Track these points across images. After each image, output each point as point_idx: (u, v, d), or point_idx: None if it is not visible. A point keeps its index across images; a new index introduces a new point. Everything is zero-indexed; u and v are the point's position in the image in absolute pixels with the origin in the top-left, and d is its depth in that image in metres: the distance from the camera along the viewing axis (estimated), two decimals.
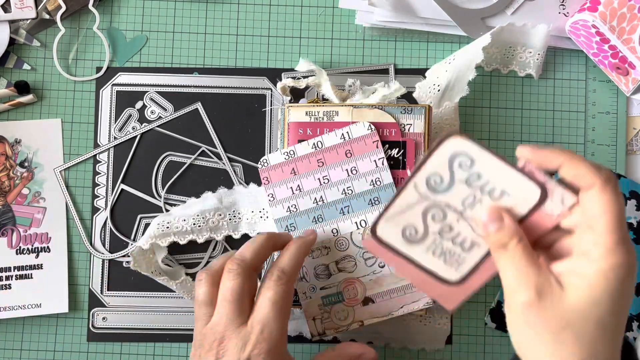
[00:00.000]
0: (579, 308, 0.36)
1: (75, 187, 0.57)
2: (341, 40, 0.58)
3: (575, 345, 0.36)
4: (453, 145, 0.40)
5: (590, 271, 0.36)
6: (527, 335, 0.38)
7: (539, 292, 0.37)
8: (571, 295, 0.37)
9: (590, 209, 0.37)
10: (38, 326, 0.57)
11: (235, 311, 0.44)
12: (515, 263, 0.38)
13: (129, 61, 0.58)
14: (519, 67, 0.57)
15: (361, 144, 0.49)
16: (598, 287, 0.36)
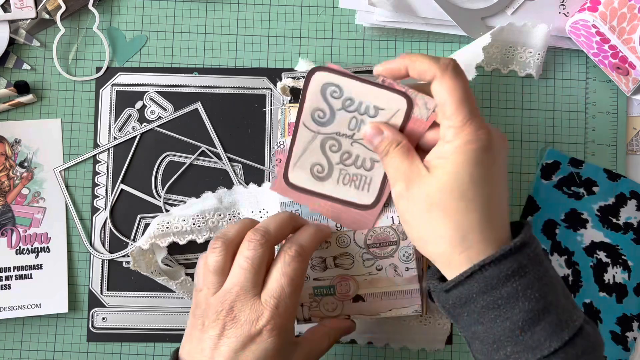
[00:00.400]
0: (442, 186, 0.40)
1: (75, 187, 0.57)
2: (341, 40, 0.58)
3: (444, 219, 0.40)
4: (319, 79, 0.45)
5: (448, 150, 0.40)
6: (407, 219, 0.42)
7: (408, 180, 0.42)
8: (435, 176, 0.41)
9: (438, 97, 0.41)
10: (38, 326, 0.57)
11: (251, 281, 0.42)
12: (393, 162, 0.43)
13: (129, 61, 0.58)
14: (519, 67, 0.57)
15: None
16: (455, 162, 0.40)
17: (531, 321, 0.38)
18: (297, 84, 0.53)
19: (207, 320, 0.42)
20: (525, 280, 0.39)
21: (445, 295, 0.41)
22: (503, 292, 0.39)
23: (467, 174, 0.40)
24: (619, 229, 0.56)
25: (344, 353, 0.56)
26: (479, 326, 0.40)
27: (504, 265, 0.39)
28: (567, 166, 0.57)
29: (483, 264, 0.39)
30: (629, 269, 0.56)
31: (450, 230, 0.40)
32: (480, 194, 0.40)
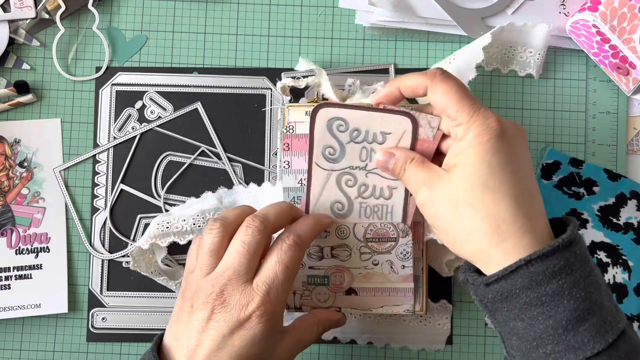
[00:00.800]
0: (463, 181, 0.40)
1: (74, 187, 0.57)
2: (341, 40, 0.58)
3: (472, 214, 0.40)
4: (324, 115, 0.46)
5: (462, 146, 0.41)
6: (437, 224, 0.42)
7: (429, 185, 0.42)
8: (454, 174, 0.41)
9: (437, 102, 0.42)
10: (37, 326, 0.57)
11: (245, 266, 0.41)
12: (411, 175, 0.44)
13: (129, 61, 0.58)
14: (520, 66, 0.57)
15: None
16: (471, 155, 0.40)
17: (575, 321, 0.37)
18: (297, 83, 0.53)
19: (196, 303, 0.42)
20: (572, 279, 0.37)
21: (485, 289, 0.40)
22: (548, 289, 0.37)
23: (485, 164, 0.40)
24: (619, 229, 0.56)
25: (344, 353, 0.56)
26: (519, 322, 0.39)
27: (550, 262, 0.37)
28: (568, 166, 0.57)
29: (530, 259, 0.38)
30: (629, 269, 0.56)
31: (481, 224, 0.40)
32: (503, 182, 0.40)
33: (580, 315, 0.37)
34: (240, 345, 0.40)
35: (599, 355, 0.37)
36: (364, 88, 0.53)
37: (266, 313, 0.41)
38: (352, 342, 0.56)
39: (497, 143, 0.40)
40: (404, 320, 0.55)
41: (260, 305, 0.41)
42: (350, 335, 0.55)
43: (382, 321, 0.55)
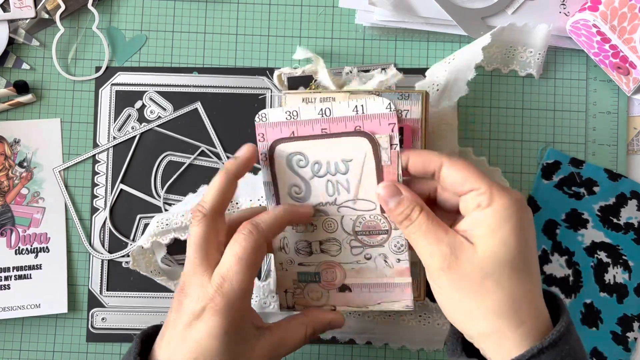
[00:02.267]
0: (491, 255, 0.38)
1: (74, 187, 0.57)
2: (341, 40, 0.58)
3: (497, 291, 0.38)
4: (281, 152, 0.44)
5: (488, 216, 0.39)
6: (452, 296, 0.40)
7: (453, 251, 0.39)
8: (481, 245, 0.39)
9: (454, 177, 0.40)
10: (37, 326, 0.56)
11: (195, 257, 0.42)
12: (423, 231, 0.40)
13: (129, 61, 0.58)
14: (520, 66, 0.57)
15: (375, 122, 0.44)
16: (500, 227, 0.39)
17: None
18: (293, 71, 0.53)
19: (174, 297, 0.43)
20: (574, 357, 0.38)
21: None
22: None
23: (514, 240, 0.38)
24: (619, 229, 0.56)
25: (344, 353, 0.56)
26: None
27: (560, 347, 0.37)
28: (568, 166, 0.56)
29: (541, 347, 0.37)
30: (630, 269, 0.56)
31: (504, 304, 0.38)
32: (528, 262, 0.39)
33: None
34: (199, 338, 0.40)
35: None
36: (361, 75, 0.53)
37: (220, 305, 0.40)
38: (351, 342, 0.56)
39: (525, 217, 0.39)
40: (403, 320, 0.55)
41: (213, 297, 0.40)
42: (348, 335, 0.55)
43: (380, 321, 0.55)
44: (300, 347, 0.45)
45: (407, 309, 0.47)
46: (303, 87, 0.56)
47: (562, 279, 0.56)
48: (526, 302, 0.39)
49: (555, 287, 0.56)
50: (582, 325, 0.55)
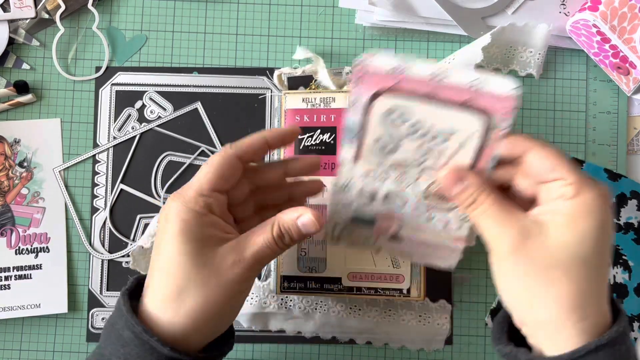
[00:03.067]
0: (565, 245, 0.37)
1: (74, 187, 0.57)
2: (341, 40, 0.58)
3: (564, 283, 0.37)
4: (382, 104, 0.40)
5: (571, 208, 0.37)
6: (515, 281, 0.38)
7: (523, 234, 0.38)
8: (556, 234, 0.37)
9: (543, 164, 0.38)
10: (37, 326, 0.56)
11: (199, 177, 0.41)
12: (491, 213, 0.39)
13: (129, 61, 0.58)
14: (520, 66, 0.57)
15: (490, 101, 0.39)
16: (581, 221, 0.37)
17: None
18: (293, 71, 0.53)
19: None
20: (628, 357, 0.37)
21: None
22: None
23: (593, 236, 0.37)
24: (619, 229, 0.56)
25: (344, 353, 0.56)
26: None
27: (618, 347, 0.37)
28: None
29: (599, 344, 0.36)
30: (630, 269, 0.56)
31: (570, 295, 0.37)
32: (604, 263, 0.38)
33: None
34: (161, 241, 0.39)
35: None
36: None
37: (184, 197, 0.39)
38: (351, 342, 0.56)
39: (609, 218, 0.38)
40: (403, 320, 0.55)
41: (178, 194, 0.40)
42: (349, 335, 0.55)
43: (380, 321, 0.55)
44: (271, 255, 0.41)
45: (449, 269, 0.46)
46: (303, 87, 0.56)
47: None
48: (593, 299, 0.38)
49: None
50: None
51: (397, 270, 0.49)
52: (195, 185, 0.40)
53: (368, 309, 0.55)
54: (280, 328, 0.55)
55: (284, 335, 0.56)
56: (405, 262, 0.49)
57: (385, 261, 0.49)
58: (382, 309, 0.55)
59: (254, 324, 0.55)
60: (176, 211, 0.39)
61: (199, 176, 0.41)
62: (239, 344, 0.56)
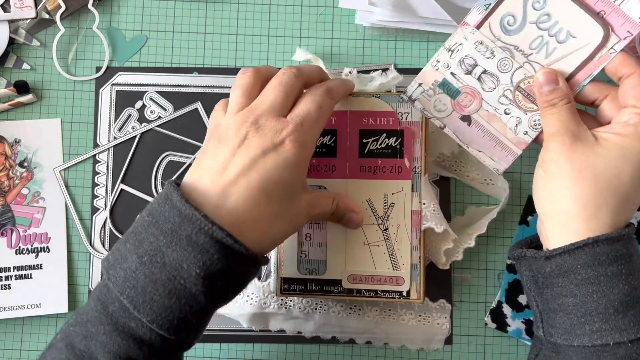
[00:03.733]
0: (605, 156, 0.41)
1: (74, 187, 0.57)
2: (341, 40, 0.58)
3: (591, 183, 0.41)
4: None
5: (626, 131, 0.41)
6: (550, 172, 0.43)
7: (574, 136, 0.42)
8: (602, 146, 0.41)
9: (631, 91, 0.42)
10: (38, 326, 0.57)
11: (280, 101, 0.42)
12: (560, 116, 0.43)
13: (129, 61, 0.58)
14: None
15: (619, 19, 0.43)
16: (628, 144, 0.41)
17: (626, 304, 0.39)
18: None
19: (227, 135, 0.41)
20: (630, 266, 0.40)
21: (544, 262, 0.42)
22: (608, 271, 0.40)
23: (633, 160, 0.41)
24: None
25: (344, 353, 0.56)
26: (571, 298, 0.40)
27: (614, 247, 0.40)
28: None
29: (597, 239, 0.40)
30: None
31: (591, 196, 0.41)
32: (633, 185, 0.41)
33: (631, 300, 0.40)
34: (272, 166, 0.40)
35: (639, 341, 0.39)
36: (361, 77, 0.53)
37: (299, 139, 0.41)
38: (351, 342, 0.56)
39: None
40: (403, 319, 0.55)
41: (294, 130, 0.41)
42: (349, 334, 0.55)
43: (380, 321, 0.55)
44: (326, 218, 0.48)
45: (495, 172, 0.48)
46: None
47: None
48: (610, 207, 0.41)
49: None
50: None
51: (396, 272, 0.49)
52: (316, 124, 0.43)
53: (368, 308, 0.55)
54: (280, 328, 0.55)
55: (284, 335, 0.56)
56: (406, 264, 0.49)
57: (385, 263, 0.49)
58: (382, 308, 0.55)
59: (254, 324, 0.55)
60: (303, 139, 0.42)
61: (318, 116, 0.42)
62: (239, 344, 0.56)
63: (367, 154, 0.50)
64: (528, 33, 0.45)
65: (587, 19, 0.43)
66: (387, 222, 0.49)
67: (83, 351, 0.38)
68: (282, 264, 0.51)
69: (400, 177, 0.49)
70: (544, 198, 0.43)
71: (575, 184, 0.41)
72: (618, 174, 0.41)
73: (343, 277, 0.50)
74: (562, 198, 0.42)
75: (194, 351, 0.56)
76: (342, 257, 0.50)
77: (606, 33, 0.43)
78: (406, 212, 0.49)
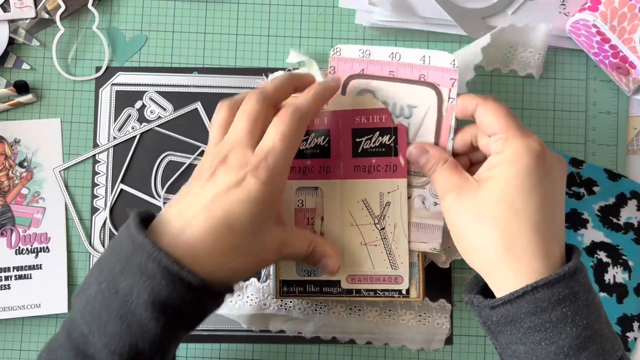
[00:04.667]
0: (491, 195, 0.41)
1: (74, 187, 0.57)
2: (341, 40, 0.58)
3: (492, 228, 0.41)
4: (353, 87, 0.49)
5: (498, 160, 0.42)
6: (457, 232, 0.43)
7: (458, 191, 0.43)
8: (486, 185, 0.42)
9: (484, 120, 0.43)
10: (38, 326, 0.57)
11: (247, 133, 0.42)
12: (442, 177, 0.45)
13: (129, 61, 0.58)
14: (520, 66, 0.57)
15: (438, 74, 0.48)
16: (506, 171, 0.41)
17: (577, 347, 0.38)
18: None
19: (201, 170, 0.43)
20: (575, 307, 0.39)
21: (490, 311, 0.41)
22: (552, 316, 0.38)
23: (516, 183, 0.41)
24: (619, 229, 0.56)
25: (344, 353, 0.56)
26: (521, 346, 0.40)
27: (556, 289, 0.38)
28: (568, 166, 0.56)
29: (536, 285, 0.38)
30: (630, 269, 0.56)
31: (498, 240, 0.40)
32: (529, 205, 0.40)
33: (582, 342, 0.38)
34: (235, 200, 0.40)
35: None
36: None
37: (262, 175, 0.41)
38: (351, 342, 0.56)
39: (534, 164, 0.41)
40: (403, 319, 0.55)
41: (257, 166, 0.41)
42: (348, 335, 0.55)
43: (380, 321, 0.55)
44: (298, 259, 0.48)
45: (434, 252, 0.49)
46: None
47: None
48: (524, 243, 0.40)
49: None
50: None
51: (395, 271, 0.49)
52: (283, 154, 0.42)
53: (368, 309, 0.55)
54: (280, 329, 0.55)
55: (283, 335, 0.56)
56: (404, 263, 0.49)
57: (383, 263, 0.49)
58: (382, 309, 0.55)
59: (253, 324, 0.55)
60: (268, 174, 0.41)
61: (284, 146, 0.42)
62: (239, 344, 0.56)
63: (361, 153, 0.49)
64: None
65: (415, 88, 0.47)
66: (383, 221, 0.49)
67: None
68: (280, 266, 0.51)
69: (396, 175, 0.49)
70: (466, 254, 0.43)
71: (481, 234, 0.41)
72: (511, 206, 0.40)
73: (341, 277, 0.50)
74: (478, 252, 0.42)
75: (193, 351, 0.56)
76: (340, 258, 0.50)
77: (436, 90, 0.47)
78: (402, 211, 0.49)
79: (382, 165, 0.49)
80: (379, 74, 0.48)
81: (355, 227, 0.50)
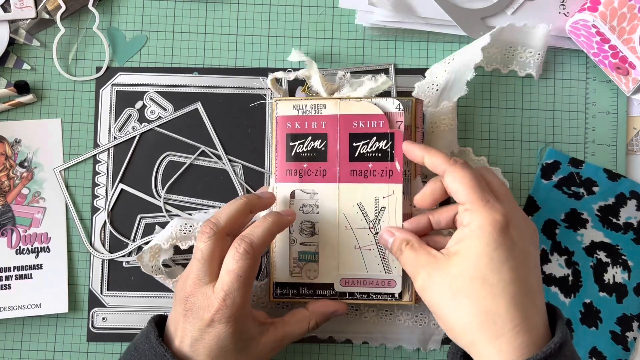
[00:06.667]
0: (463, 271, 0.40)
1: (75, 187, 0.57)
2: (341, 40, 0.58)
3: (469, 307, 0.40)
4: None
5: (466, 233, 0.41)
6: (436, 312, 0.42)
7: (429, 269, 0.42)
8: (455, 262, 0.41)
9: (451, 187, 0.43)
10: (38, 326, 0.57)
11: (202, 271, 0.45)
12: (409, 259, 0.44)
13: (129, 61, 0.58)
14: (519, 67, 0.57)
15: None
16: (473, 247, 0.40)
17: None
18: (287, 76, 0.53)
19: (176, 301, 0.47)
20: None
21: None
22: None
23: (486, 258, 0.40)
24: (619, 229, 0.56)
25: (344, 353, 0.56)
26: None
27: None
28: (567, 166, 0.57)
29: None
30: (629, 269, 0.56)
31: (477, 318, 0.40)
32: (502, 278, 0.40)
33: None
34: (211, 339, 0.44)
35: None
36: (352, 81, 0.53)
37: (225, 316, 0.44)
38: (348, 342, 0.56)
39: (500, 237, 0.40)
40: (400, 320, 0.55)
41: (218, 310, 0.44)
42: (345, 334, 0.55)
43: (377, 321, 0.55)
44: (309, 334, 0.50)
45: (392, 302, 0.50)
46: (301, 86, 0.56)
47: (561, 279, 0.56)
48: (503, 318, 0.39)
49: (555, 286, 0.56)
50: (582, 325, 0.55)
51: (388, 275, 0.50)
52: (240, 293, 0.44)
53: (365, 309, 0.55)
54: None
55: None
56: (397, 267, 0.49)
57: (377, 266, 0.50)
58: (379, 309, 0.55)
59: None
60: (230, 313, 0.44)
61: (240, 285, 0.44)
62: None
63: (358, 157, 0.50)
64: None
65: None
66: (378, 226, 0.49)
67: None
68: (274, 268, 0.51)
69: (391, 180, 0.49)
70: (448, 333, 0.43)
71: (458, 313, 0.40)
72: (484, 282, 0.40)
73: (335, 280, 0.50)
74: (457, 332, 0.41)
75: None
76: (334, 261, 0.50)
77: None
78: (397, 216, 0.49)
79: (378, 170, 0.49)
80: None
81: (350, 230, 0.50)
